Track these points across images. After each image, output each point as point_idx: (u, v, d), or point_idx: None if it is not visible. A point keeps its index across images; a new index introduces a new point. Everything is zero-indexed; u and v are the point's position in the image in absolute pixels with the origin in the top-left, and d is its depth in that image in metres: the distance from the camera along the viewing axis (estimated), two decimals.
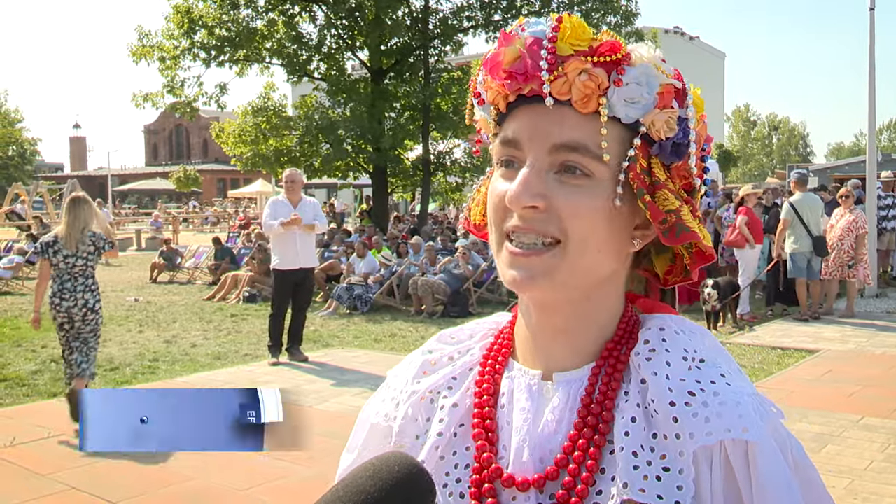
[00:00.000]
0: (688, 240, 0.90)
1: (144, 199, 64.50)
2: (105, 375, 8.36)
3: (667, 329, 0.95)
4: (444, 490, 0.95)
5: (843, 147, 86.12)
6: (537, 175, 0.88)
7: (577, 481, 0.89)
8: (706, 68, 57.14)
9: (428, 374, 1.05)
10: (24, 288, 16.13)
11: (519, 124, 0.91)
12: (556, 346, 0.97)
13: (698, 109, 0.93)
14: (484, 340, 1.07)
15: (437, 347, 1.08)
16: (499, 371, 1.01)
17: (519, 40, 0.90)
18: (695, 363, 0.92)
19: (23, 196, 33.80)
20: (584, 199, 0.88)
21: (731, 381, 0.91)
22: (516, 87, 0.90)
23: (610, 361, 0.94)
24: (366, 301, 12.81)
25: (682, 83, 0.91)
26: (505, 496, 0.93)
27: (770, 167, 72.13)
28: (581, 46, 0.88)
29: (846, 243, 11.02)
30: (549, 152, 0.89)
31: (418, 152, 21.21)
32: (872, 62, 13.38)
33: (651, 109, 0.88)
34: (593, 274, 0.92)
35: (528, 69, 0.88)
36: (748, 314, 11.15)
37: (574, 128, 0.88)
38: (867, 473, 5.13)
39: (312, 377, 8.18)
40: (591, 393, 0.93)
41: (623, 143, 0.89)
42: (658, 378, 0.90)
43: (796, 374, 8.00)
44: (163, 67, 19.35)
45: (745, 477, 0.87)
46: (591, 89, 0.87)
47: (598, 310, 0.97)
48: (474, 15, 20.12)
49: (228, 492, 5.01)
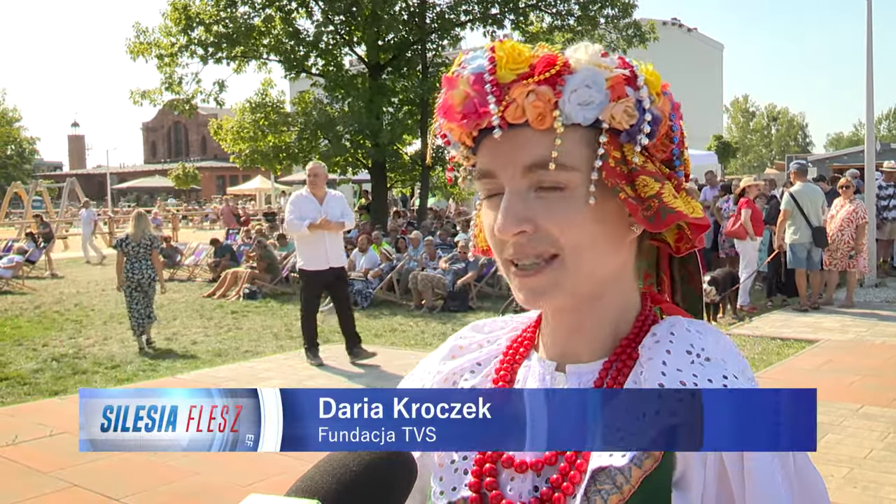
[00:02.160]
0: (674, 221, 0.92)
1: (143, 196, 64.45)
2: (106, 373, 8.38)
3: (678, 325, 0.97)
4: (451, 465, 1.00)
5: (843, 137, 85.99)
6: (517, 200, 0.91)
7: (572, 468, 0.92)
8: (704, 60, 57.05)
9: (455, 357, 1.11)
10: (24, 287, 16.14)
11: (487, 155, 0.94)
12: (573, 341, 1.01)
13: (653, 86, 0.93)
14: (513, 332, 1.11)
15: (469, 335, 1.14)
16: (518, 360, 1.05)
17: (462, 80, 0.92)
18: (699, 359, 0.93)
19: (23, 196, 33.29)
20: (566, 210, 0.90)
21: (731, 384, 0.91)
22: (474, 125, 0.93)
23: (622, 357, 0.97)
24: (366, 296, 12.82)
25: (630, 68, 0.92)
26: (504, 476, 0.97)
27: (769, 158, 72.15)
28: (521, 69, 0.90)
29: (846, 234, 11.02)
30: (522, 174, 0.91)
31: (417, 147, 21.20)
32: (870, 52, 13.38)
33: (606, 105, 0.90)
34: (598, 273, 0.95)
35: (477, 106, 0.91)
36: (748, 305, 11.16)
37: (537, 146, 0.90)
38: (867, 462, 5.15)
39: (313, 373, 8.20)
40: (598, 385, 0.96)
41: (590, 144, 0.91)
42: (654, 363, 0.92)
43: (796, 364, 8.02)
44: (160, 64, 19.35)
45: (738, 480, 0.87)
46: (542, 107, 0.89)
47: (611, 307, 1.00)
48: (471, 9, 20.10)
49: (230, 487, 5.03)
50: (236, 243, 18.09)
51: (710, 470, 0.89)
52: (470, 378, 1.06)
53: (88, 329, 11.22)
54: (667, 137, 0.96)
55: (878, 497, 4.61)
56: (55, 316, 12.51)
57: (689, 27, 56.65)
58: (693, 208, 0.95)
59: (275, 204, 39.33)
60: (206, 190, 64.85)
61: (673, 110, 0.96)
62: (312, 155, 19.68)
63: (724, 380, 0.91)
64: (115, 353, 9.40)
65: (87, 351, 9.59)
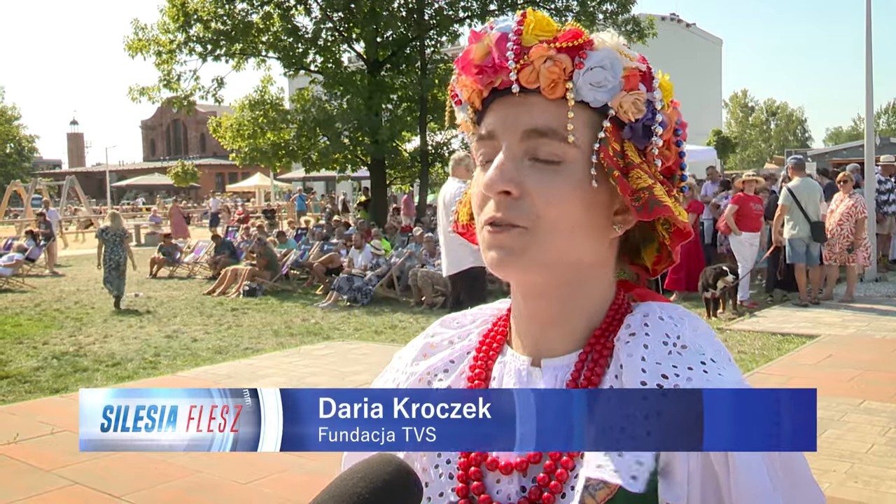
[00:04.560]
0: (661, 214, 0.91)
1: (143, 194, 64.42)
2: (107, 371, 8.38)
3: (651, 315, 0.97)
4: (435, 471, 0.99)
5: (842, 132, 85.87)
6: (511, 161, 0.91)
7: (557, 465, 0.92)
8: (703, 55, 57.01)
9: (428, 356, 1.08)
10: (24, 285, 16.15)
11: (493, 117, 0.94)
12: (546, 333, 0.99)
13: (667, 94, 0.94)
14: (483, 326, 1.09)
15: (439, 331, 1.12)
16: (492, 356, 1.04)
17: (487, 37, 0.94)
18: (676, 348, 0.93)
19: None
20: (557, 183, 0.90)
21: (710, 368, 0.91)
22: (488, 81, 0.93)
23: (596, 348, 0.96)
24: (366, 293, 12.82)
25: (648, 67, 0.93)
26: (490, 478, 0.96)
27: (768, 153, 72.07)
28: (545, 36, 0.91)
29: (846, 228, 11.02)
30: (521, 139, 0.91)
31: (416, 144, 21.19)
32: (870, 46, 13.36)
33: (618, 92, 0.90)
34: (569, 254, 0.93)
35: (495, 62, 0.92)
36: (748, 300, 11.16)
37: (543, 113, 0.91)
38: (868, 457, 5.15)
39: (313, 370, 8.20)
40: (575, 378, 0.95)
41: (593, 127, 0.91)
42: (633, 359, 0.91)
43: (797, 359, 8.02)
44: (159, 61, 19.33)
45: (722, 465, 0.87)
46: (557, 74, 0.89)
47: (585, 297, 0.98)
48: (469, 5, 20.07)
49: (230, 485, 5.03)
50: (236, 241, 18.09)
51: (693, 458, 0.88)
52: (444, 378, 1.04)
53: (89, 327, 11.22)
54: (667, 148, 0.96)
55: (879, 492, 4.62)
56: (55, 314, 12.51)
57: (688, 22, 56.61)
58: (680, 212, 0.95)
59: (274, 201, 39.34)
60: (206, 187, 64.78)
61: (679, 126, 0.97)
62: (311, 152, 19.69)
63: (702, 366, 0.91)
64: (115, 351, 9.40)
65: (87, 349, 9.59)
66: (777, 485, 0.88)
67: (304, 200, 35.76)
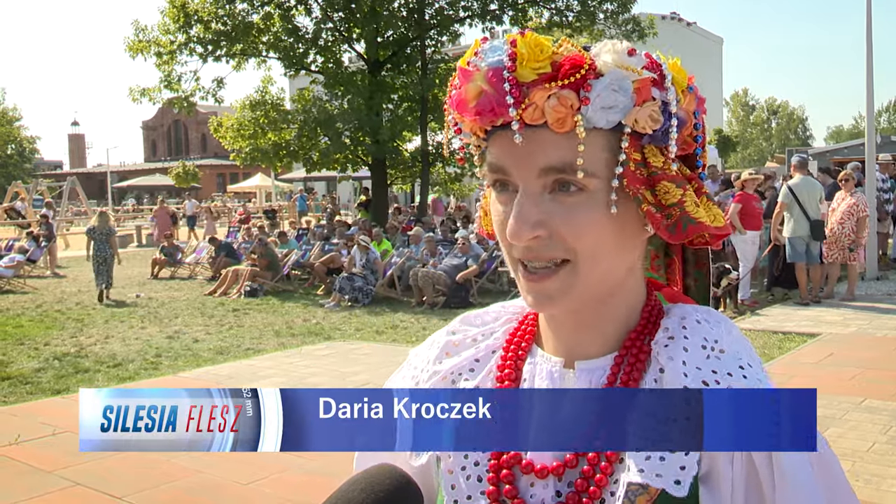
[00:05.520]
0: (694, 233, 0.89)
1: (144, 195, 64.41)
2: (108, 372, 8.38)
3: (688, 318, 0.95)
4: (462, 472, 0.96)
5: (843, 130, 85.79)
6: (532, 203, 0.87)
7: (595, 470, 0.89)
8: (704, 54, 56.95)
9: (451, 355, 1.05)
10: (25, 286, 16.15)
11: (501, 151, 0.90)
12: (579, 336, 0.97)
13: (679, 84, 0.90)
14: (508, 325, 1.07)
15: (460, 329, 1.09)
16: (521, 357, 1.01)
17: (478, 75, 0.87)
18: (714, 353, 0.92)
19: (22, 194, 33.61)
20: (583, 215, 0.87)
21: (749, 374, 0.90)
22: (489, 121, 0.88)
23: (632, 351, 0.94)
24: (367, 293, 12.82)
25: (658, 69, 0.88)
26: (523, 482, 0.93)
27: (769, 151, 71.99)
28: (543, 68, 0.85)
29: (847, 226, 11.01)
30: (538, 176, 0.87)
31: (417, 144, 21.18)
32: (870, 44, 13.35)
33: (631, 109, 0.86)
34: (610, 279, 0.92)
35: (494, 105, 0.86)
36: (749, 299, 11.15)
37: (556, 149, 0.86)
38: (869, 455, 5.15)
39: (314, 370, 8.20)
40: (612, 382, 0.93)
41: (610, 148, 0.87)
42: (674, 363, 0.90)
43: (798, 357, 8.01)
44: (159, 62, 19.32)
45: (767, 473, 0.87)
46: (564, 112, 0.85)
47: (619, 302, 0.97)
48: (470, 5, 20.05)
49: (232, 485, 5.03)
50: (236, 241, 18.09)
51: (737, 465, 0.88)
52: (470, 377, 1.02)
53: (90, 328, 11.22)
54: (690, 136, 0.93)
55: (880, 490, 4.61)
56: (57, 315, 12.51)
57: (689, 21, 56.57)
58: (714, 216, 0.92)
59: (275, 201, 39.33)
60: (207, 188, 64.80)
61: (697, 106, 0.94)
62: (312, 152, 19.68)
63: (741, 370, 0.90)
64: (116, 352, 9.40)
65: (88, 350, 9.59)
66: (820, 487, 0.88)
67: (305, 201, 35.78)
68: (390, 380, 1.11)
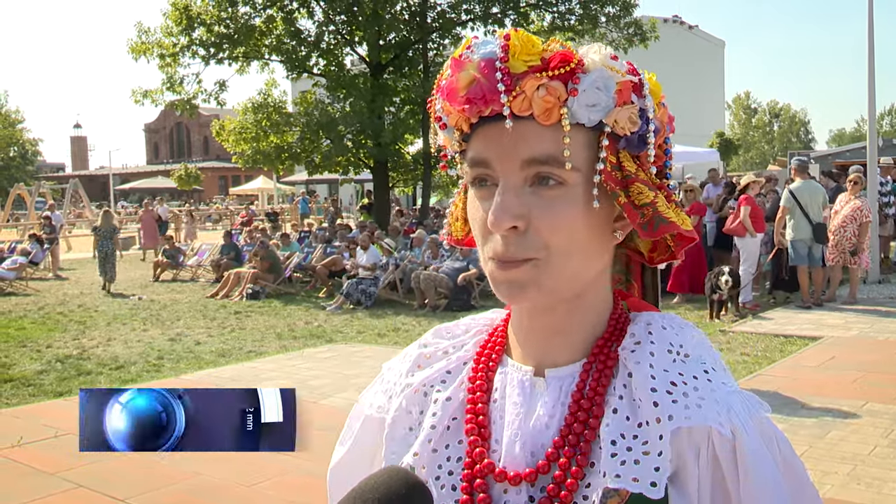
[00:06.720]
0: (666, 231, 0.91)
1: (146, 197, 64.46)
2: (110, 374, 8.40)
3: (654, 324, 0.97)
4: (436, 482, 0.97)
5: (845, 133, 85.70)
6: (513, 194, 0.88)
7: (567, 475, 0.91)
8: (706, 57, 56.93)
9: (422, 367, 1.07)
10: (27, 288, 16.18)
11: (484, 143, 0.91)
12: (549, 344, 0.99)
13: (656, 96, 0.93)
14: (479, 336, 1.08)
15: (432, 342, 1.10)
16: (492, 367, 1.03)
17: (471, 64, 0.89)
18: (679, 357, 0.94)
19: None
20: (561, 209, 0.89)
21: (714, 377, 0.93)
22: (477, 111, 0.89)
23: (600, 357, 0.96)
24: (369, 295, 12.83)
25: (638, 75, 0.91)
26: (497, 490, 0.94)
27: (771, 155, 71.94)
28: (533, 61, 0.88)
29: (849, 230, 11.00)
30: (521, 168, 0.89)
31: (419, 146, 21.20)
32: (872, 48, 13.34)
33: (612, 109, 0.89)
34: (581, 277, 0.94)
35: (485, 93, 0.88)
36: (751, 302, 11.15)
37: (540, 141, 0.88)
38: (871, 459, 5.14)
39: (316, 372, 8.21)
40: (581, 388, 0.95)
41: (590, 146, 0.90)
42: (641, 366, 0.92)
43: (800, 361, 8.01)
44: (162, 64, 19.36)
45: (732, 471, 0.89)
46: (551, 102, 0.87)
47: (588, 308, 0.98)
48: (472, 8, 20.09)
49: (233, 487, 5.04)
50: (239, 244, 18.09)
51: (702, 460, 0.89)
52: (443, 389, 1.03)
53: (92, 330, 11.24)
54: (660, 149, 0.96)
55: (882, 494, 4.61)
56: (59, 317, 12.53)
57: (690, 24, 56.54)
58: (683, 220, 0.95)
59: (277, 204, 39.35)
60: (209, 190, 64.89)
61: (668, 122, 0.97)
62: (314, 155, 19.69)
63: (705, 374, 0.93)
64: (118, 354, 9.41)
65: (91, 352, 9.60)
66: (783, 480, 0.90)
67: (307, 203, 35.79)
68: (363, 394, 1.12)
